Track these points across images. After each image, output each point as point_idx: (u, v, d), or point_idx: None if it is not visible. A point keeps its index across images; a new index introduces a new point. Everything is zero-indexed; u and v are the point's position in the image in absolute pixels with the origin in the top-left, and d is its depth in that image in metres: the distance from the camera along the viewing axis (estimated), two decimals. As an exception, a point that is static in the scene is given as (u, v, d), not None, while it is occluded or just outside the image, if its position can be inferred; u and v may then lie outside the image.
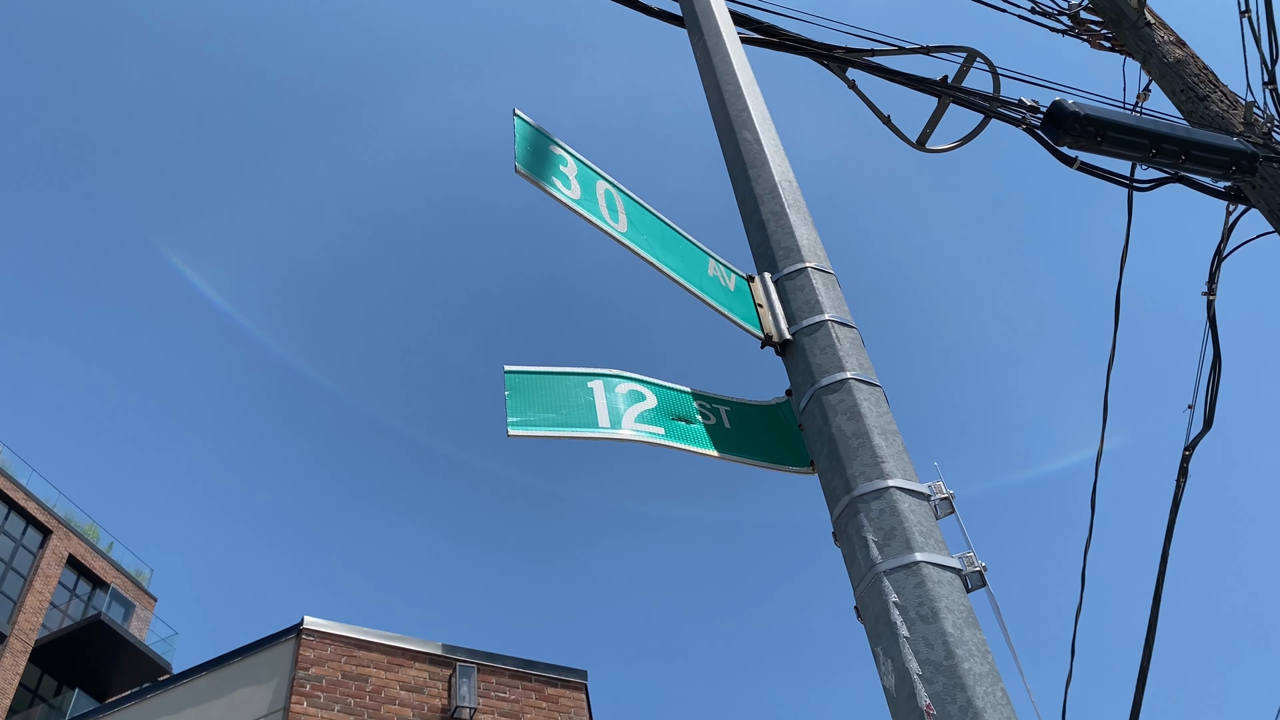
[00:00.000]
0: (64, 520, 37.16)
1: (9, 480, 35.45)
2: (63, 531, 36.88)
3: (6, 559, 34.57)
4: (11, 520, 35.29)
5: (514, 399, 2.88)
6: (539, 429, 2.83)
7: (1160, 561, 6.46)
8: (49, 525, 36.40)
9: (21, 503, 35.69)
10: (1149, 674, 6.53)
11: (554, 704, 10.16)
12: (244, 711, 9.25)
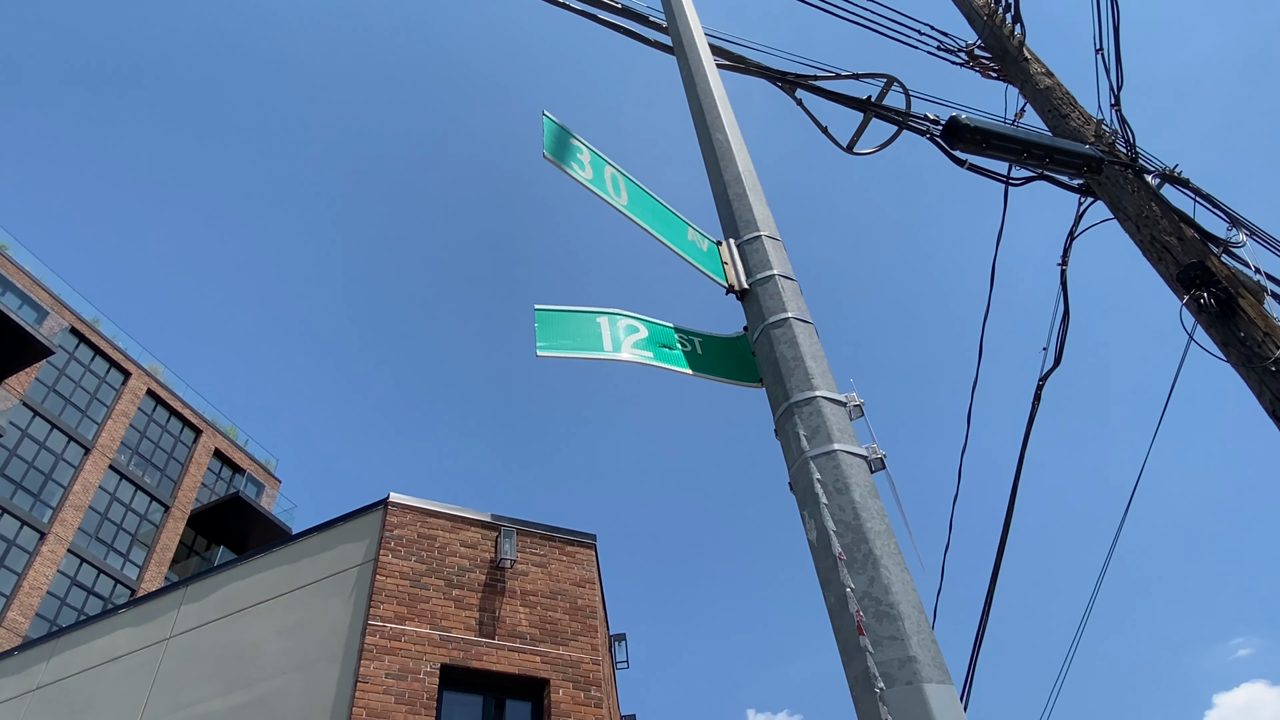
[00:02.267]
0: (211, 422, 37.33)
1: (170, 393, 35.57)
2: (210, 431, 37.07)
3: (169, 450, 34.82)
4: (172, 422, 35.49)
5: (541, 329, 2.90)
6: (559, 351, 2.86)
7: (1017, 464, 6.53)
8: (200, 426, 36.58)
9: (180, 410, 35.84)
10: (1006, 546, 6.64)
11: (571, 558, 10.31)
12: (345, 560, 9.39)
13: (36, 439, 29.20)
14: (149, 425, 34.38)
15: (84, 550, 29.51)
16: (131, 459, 32.91)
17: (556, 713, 8.84)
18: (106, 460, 31.38)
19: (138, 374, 34.12)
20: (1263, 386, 4.52)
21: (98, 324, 33.26)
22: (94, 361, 32.65)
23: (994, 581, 6.09)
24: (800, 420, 2.56)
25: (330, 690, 8.27)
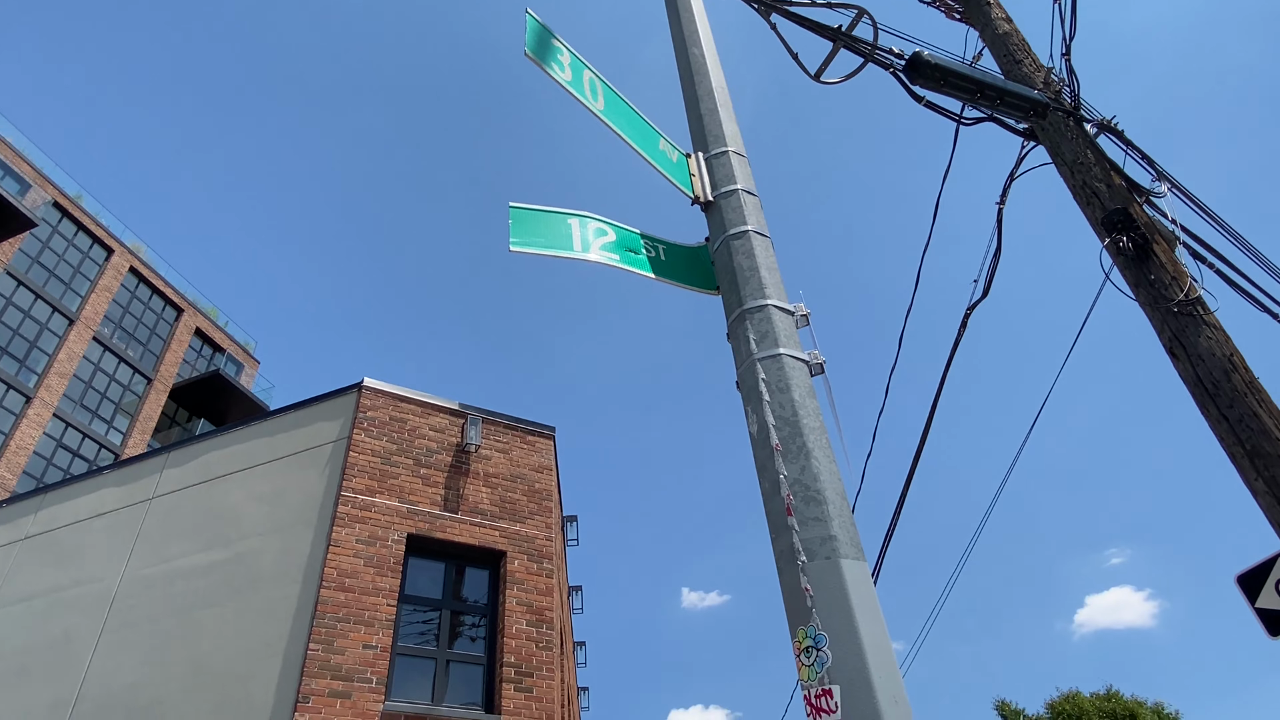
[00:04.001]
0: (192, 302, 36.39)
1: (152, 271, 34.45)
2: (191, 310, 36.17)
3: (151, 327, 33.98)
4: (154, 300, 34.50)
5: (515, 226, 2.84)
6: (532, 248, 2.82)
7: (939, 383, 6.71)
8: (181, 305, 35.65)
9: (161, 289, 34.81)
10: (923, 452, 6.88)
11: (531, 446, 10.46)
12: (320, 437, 9.40)
13: (20, 307, 28.23)
14: (131, 301, 33.40)
15: (69, 415, 29.03)
16: (115, 332, 32.08)
17: (511, 580, 9.11)
18: (90, 332, 30.55)
19: (120, 251, 32.89)
20: (1164, 324, 4.67)
21: (80, 200, 31.78)
22: (77, 236, 31.36)
23: (909, 480, 6.34)
24: (751, 325, 2.58)
25: (304, 552, 8.39)
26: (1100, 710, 23.75)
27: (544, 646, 8.79)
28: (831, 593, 1.88)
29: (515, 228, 2.82)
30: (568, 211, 3.01)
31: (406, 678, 8.10)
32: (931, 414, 7.38)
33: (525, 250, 2.75)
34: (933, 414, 7.44)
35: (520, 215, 2.88)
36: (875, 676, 1.74)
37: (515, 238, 2.78)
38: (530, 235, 2.83)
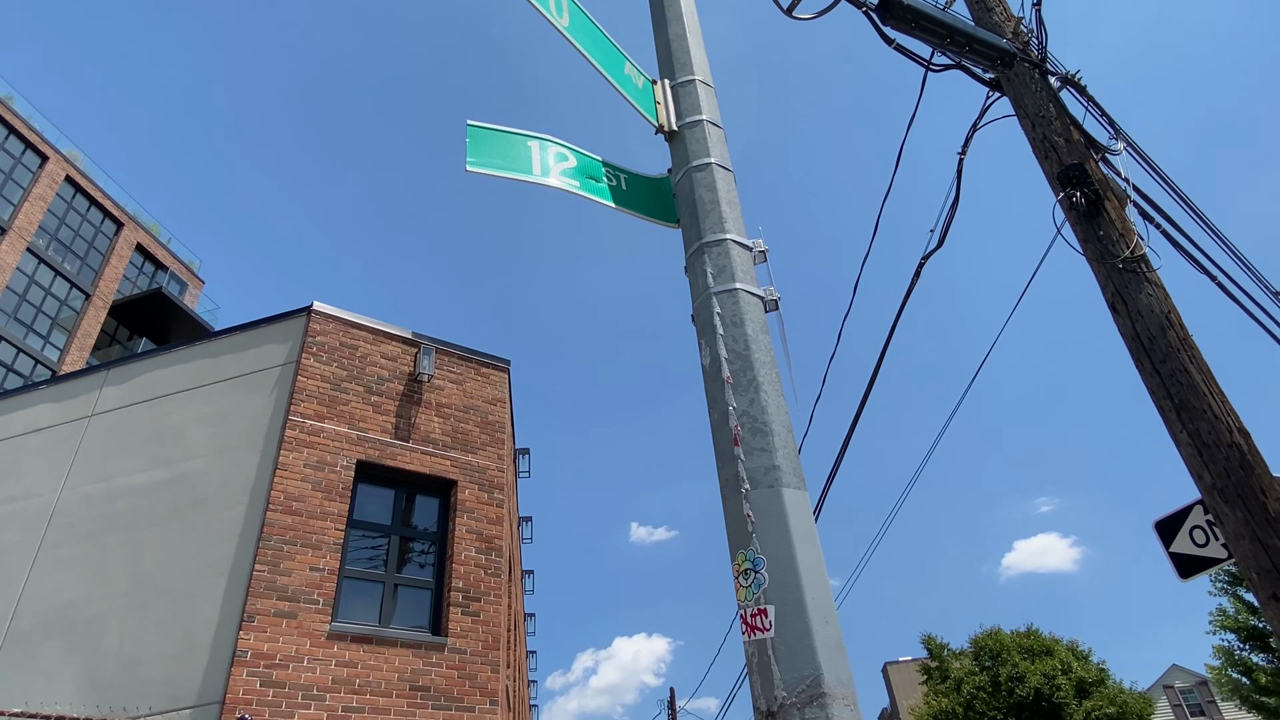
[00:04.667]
0: (133, 216, 34.83)
1: (89, 181, 32.81)
2: (132, 225, 34.65)
3: (89, 240, 32.54)
4: (92, 212, 32.95)
5: (473, 145, 2.76)
6: (489, 169, 2.74)
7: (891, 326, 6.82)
8: (121, 219, 34.12)
9: (100, 200, 33.23)
10: (870, 396, 7.03)
11: (485, 378, 10.41)
12: (267, 360, 9.20)
13: (-54, 213, 26.76)
14: (68, 213, 31.86)
15: (2, 329, 27.89)
16: (50, 244, 30.66)
17: (462, 509, 9.18)
18: (24, 243, 29.14)
19: (55, 159, 31.19)
20: (1108, 280, 4.79)
21: (11, 101, 29.91)
22: (8, 140, 29.60)
23: (854, 423, 6.49)
24: (709, 259, 2.58)
25: (250, 474, 8.31)
26: (1019, 645, 25.19)
27: (492, 573, 8.92)
28: (772, 519, 1.93)
29: (473, 147, 2.74)
30: (528, 134, 2.93)
31: (354, 600, 8.17)
32: (880, 360, 7.53)
33: (482, 171, 2.68)
34: (881, 359, 7.59)
35: (478, 135, 2.80)
36: (809, 598, 1.80)
37: (472, 157, 2.71)
38: (488, 156, 2.75)
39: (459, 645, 8.25)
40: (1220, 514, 3.97)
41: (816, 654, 1.73)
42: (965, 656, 26.55)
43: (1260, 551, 3.75)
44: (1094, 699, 22.76)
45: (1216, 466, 4.02)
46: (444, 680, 7.96)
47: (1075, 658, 24.52)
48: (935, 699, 25.67)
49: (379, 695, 7.53)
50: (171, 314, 34.19)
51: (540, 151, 2.89)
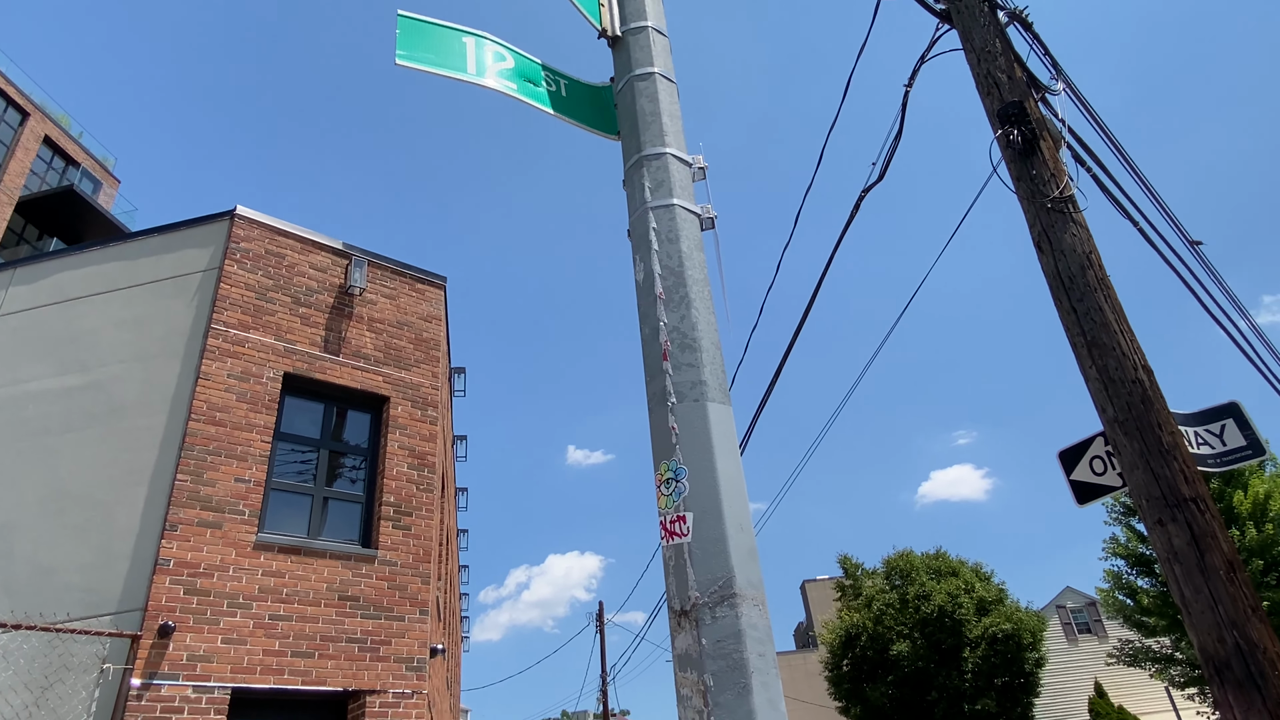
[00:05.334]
0: (40, 106, 32.26)
1: (-12, 65, 30.13)
2: (39, 115, 32.11)
3: (-11, 130, 30.10)
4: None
5: (404, 37, 2.61)
6: (420, 64, 2.60)
7: (830, 254, 6.90)
8: (26, 108, 31.57)
9: (3, 87, 30.60)
10: (805, 325, 7.15)
11: (420, 294, 10.18)
12: (188, 265, 8.78)
13: None
14: (-36, 98, 29.33)
15: (-107, 222, 25.85)
16: (-56, 132, 28.28)
17: (394, 425, 9.09)
18: (-87, 128, 26.80)
19: (-53, 37, 28.46)
20: (1036, 218, 4.91)
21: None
22: (-110, 12, 26.81)
23: (789, 349, 6.61)
24: (648, 173, 2.53)
25: (170, 383, 8.03)
26: (928, 567, 26.74)
27: (424, 489, 8.93)
28: (695, 431, 1.96)
29: (403, 39, 2.59)
30: (464, 29, 2.78)
31: (282, 512, 8.09)
32: (816, 290, 7.64)
33: (413, 66, 2.54)
34: (818, 290, 7.70)
35: (410, 26, 2.64)
36: (726, 506, 1.86)
37: (402, 50, 2.56)
38: (420, 50, 2.61)
39: (390, 558, 8.30)
40: (1119, 445, 4.21)
41: (730, 558, 1.80)
42: (878, 576, 28.08)
43: (1151, 480, 4.01)
44: (992, 616, 24.46)
45: (1120, 401, 4.24)
46: (374, 591, 8.02)
47: (978, 579, 26.19)
48: (847, 614, 27.19)
49: (307, 604, 7.56)
50: (84, 214, 32.17)
51: (476, 49, 2.75)
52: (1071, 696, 29.47)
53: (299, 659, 7.28)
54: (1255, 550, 20.94)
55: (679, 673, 1.74)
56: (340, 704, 7.58)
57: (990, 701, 23.89)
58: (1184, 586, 3.73)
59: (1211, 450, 4.50)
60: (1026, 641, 24.40)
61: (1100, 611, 30.80)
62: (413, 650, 7.97)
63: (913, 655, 24.54)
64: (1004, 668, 24.30)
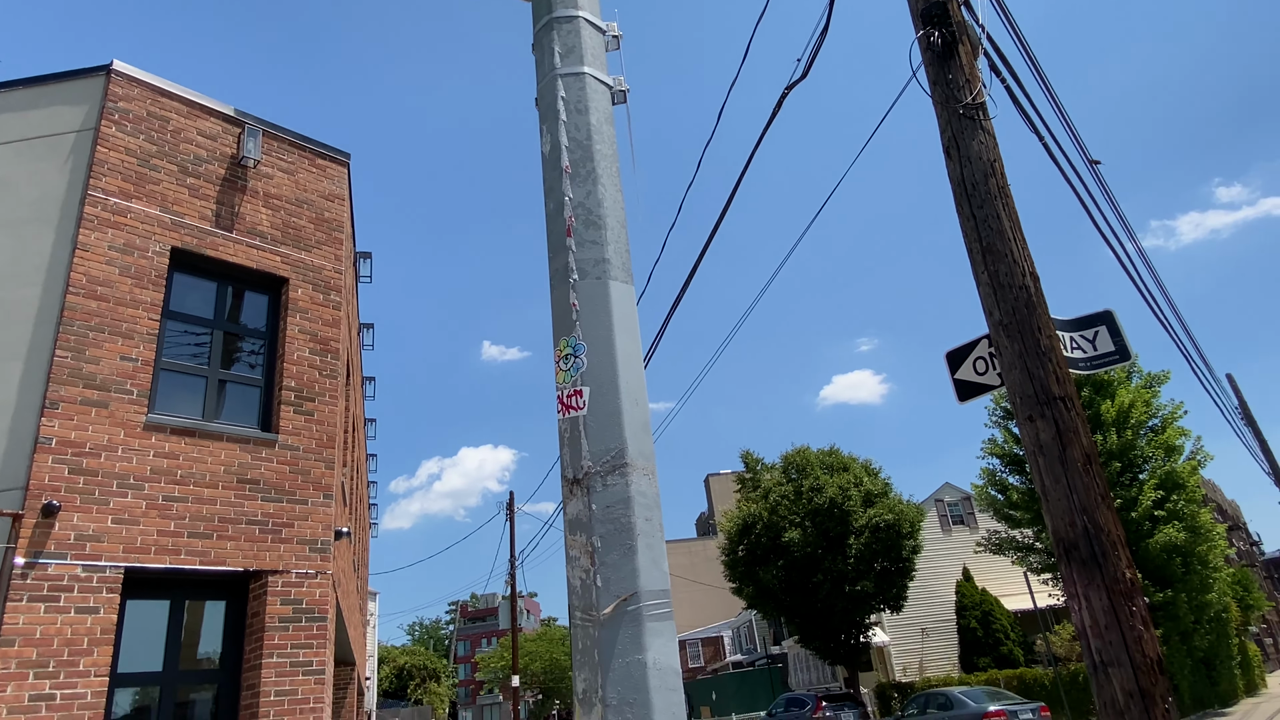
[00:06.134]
0: None
1: None
2: None
3: None
4: None
5: None
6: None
7: (754, 146, 6.85)
8: None
9: None
10: (720, 226, 7.14)
11: (322, 171, 9.59)
12: (58, 124, 7.94)
13: None
14: None
15: None
16: None
17: (294, 309, 8.74)
18: None
19: None
20: (948, 124, 4.98)
21: None
22: None
23: (703, 252, 6.60)
24: (558, 37, 2.39)
25: (44, 253, 7.41)
26: (822, 462, 28.30)
27: (327, 375, 8.70)
28: (596, 308, 1.95)
29: None
30: None
31: (174, 393, 7.76)
32: (735, 189, 7.60)
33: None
34: (736, 189, 7.67)
35: None
36: (622, 381, 1.87)
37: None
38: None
39: (291, 442, 8.14)
40: (1001, 346, 4.46)
41: (624, 430, 1.83)
42: (776, 470, 29.56)
43: (1026, 379, 4.28)
44: (877, 508, 26.27)
45: (1006, 305, 4.46)
46: (275, 475, 7.89)
47: (867, 474, 27.93)
48: (745, 504, 28.68)
49: (204, 486, 7.38)
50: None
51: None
52: (942, 580, 32.35)
53: (196, 539, 7.16)
54: (1115, 454, 23.02)
55: (569, 536, 1.79)
56: (241, 583, 7.56)
57: (869, 584, 25.97)
58: (1046, 477, 4.05)
59: (1084, 354, 4.82)
60: (906, 530, 26.41)
61: (974, 505, 33.52)
62: (317, 533, 7.96)
63: (803, 542, 26.24)
64: (884, 554, 26.33)
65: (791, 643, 35.64)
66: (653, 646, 1.65)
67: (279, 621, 7.35)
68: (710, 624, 58.99)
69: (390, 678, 42.78)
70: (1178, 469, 23.09)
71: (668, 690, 1.62)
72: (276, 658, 7.22)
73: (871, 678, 32.26)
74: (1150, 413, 23.89)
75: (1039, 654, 27.61)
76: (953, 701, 19.00)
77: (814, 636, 27.57)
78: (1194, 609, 22.68)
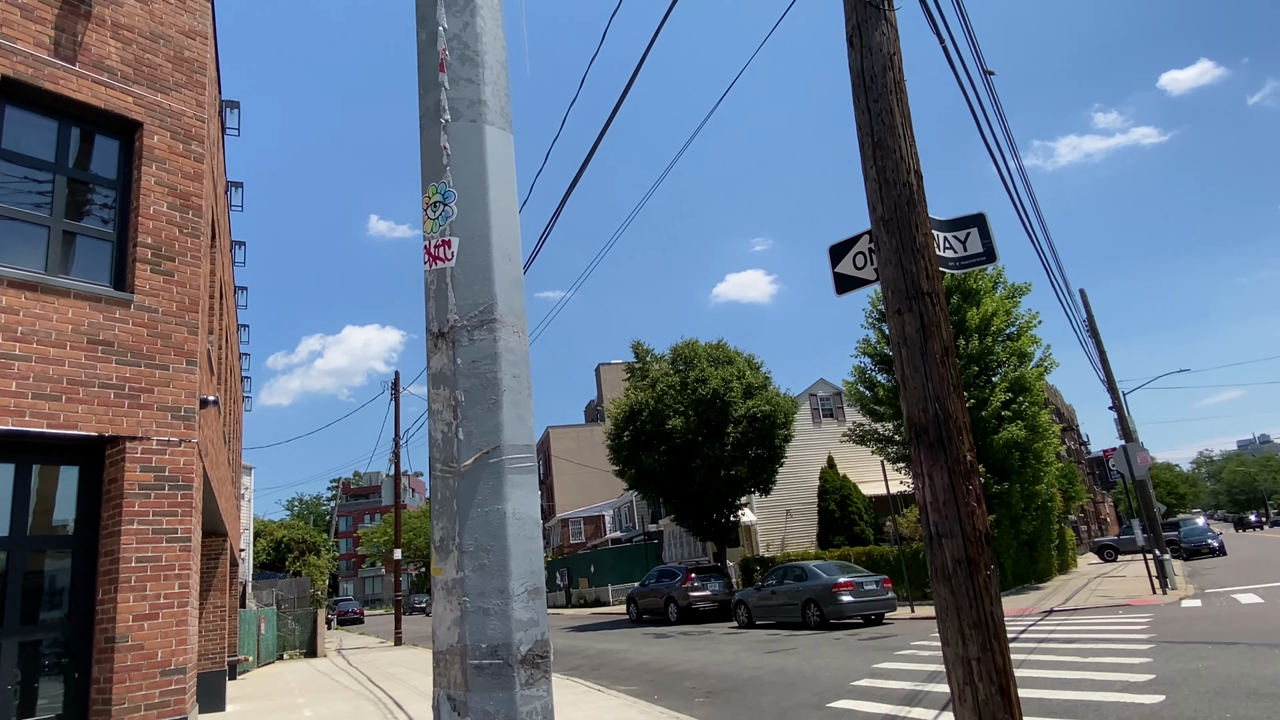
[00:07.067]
0: None
1: None
2: None
3: None
4: None
5: None
6: None
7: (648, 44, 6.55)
8: None
9: None
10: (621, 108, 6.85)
11: (181, 3, 8.48)
12: None
13: None
14: None
15: None
16: None
17: (150, 158, 7.93)
18: None
19: None
20: (853, 11, 4.89)
21: None
22: None
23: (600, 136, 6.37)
24: None
25: None
26: (709, 355, 29.12)
27: (189, 233, 8.04)
28: (469, 154, 1.83)
29: None
30: None
31: (10, 244, 6.99)
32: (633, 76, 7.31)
33: None
34: (636, 73, 7.38)
35: None
36: (495, 235, 1.79)
37: None
38: None
39: (149, 304, 7.56)
40: (880, 242, 4.58)
41: (494, 285, 1.76)
42: (664, 361, 30.23)
43: (900, 274, 4.43)
44: (755, 400, 27.48)
45: (889, 201, 4.55)
46: (131, 337, 7.35)
47: (749, 368, 29.01)
48: (633, 393, 29.33)
49: (50, 345, 6.80)
50: None
51: None
52: (809, 467, 34.61)
53: (43, 401, 6.65)
54: (974, 358, 24.77)
55: (432, 390, 1.74)
56: (96, 448, 7.14)
57: (743, 469, 27.47)
58: (907, 366, 4.28)
59: (955, 254, 5.04)
60: (780, 421, 27.85)
61: (844, 400, 35.60)
62: (180, 400, 7.55)
63: (685, 430, 27.26)
64: (759, 442, 27.77)
65: (668, 521, 37.58)
66: (513, 497, 1.66)
67: (139, 489, 7.03)
68: (593, 504, 61.27)
69: (268, 550, 42.46)
70: (1027, 374, 25.19)
71: (526, 539, 1.64)
72: (138, 524, 6.95)
73: (738, 553, 34.67)
74: (1010, 321, 25.72)
75: (887, 534, 30.35)
76: (807, 573, 20.72)
77: (689, 516, 29.14)
78: (1025, 498, 25.34)
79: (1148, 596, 19.11)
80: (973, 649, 3.76)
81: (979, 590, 3.82)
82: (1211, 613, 14.96)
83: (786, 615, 20.68)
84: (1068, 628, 14.79)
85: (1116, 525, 64.63)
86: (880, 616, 20.04)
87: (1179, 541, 34.71)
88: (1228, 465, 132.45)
